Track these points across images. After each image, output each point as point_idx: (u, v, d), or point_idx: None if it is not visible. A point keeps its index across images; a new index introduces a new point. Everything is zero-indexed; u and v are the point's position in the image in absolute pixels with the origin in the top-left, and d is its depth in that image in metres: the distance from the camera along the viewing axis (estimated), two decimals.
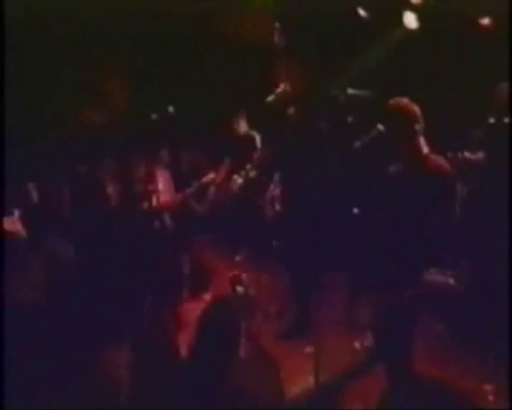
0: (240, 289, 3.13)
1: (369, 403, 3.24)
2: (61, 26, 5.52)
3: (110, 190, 4.97)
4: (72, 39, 5.62)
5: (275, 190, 5.06)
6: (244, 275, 3.27)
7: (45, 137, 5.28)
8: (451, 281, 4.09)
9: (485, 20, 5.45)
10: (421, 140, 2.97)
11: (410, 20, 5.67)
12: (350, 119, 5.25)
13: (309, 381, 3.38)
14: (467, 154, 4.64)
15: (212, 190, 5.45)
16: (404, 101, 3.01)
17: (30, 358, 3.16)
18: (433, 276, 3.21)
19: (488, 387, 3.33)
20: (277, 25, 5.35)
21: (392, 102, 3.04)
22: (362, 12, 5.71)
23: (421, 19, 5.63)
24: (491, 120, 4.59)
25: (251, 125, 5.54)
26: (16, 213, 4.42)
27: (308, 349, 3.56)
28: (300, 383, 3.44)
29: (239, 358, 2.91)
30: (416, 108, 2.97)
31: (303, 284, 4.08)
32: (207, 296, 3.93)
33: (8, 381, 2.80)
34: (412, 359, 3.06)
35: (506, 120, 4.44)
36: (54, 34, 5.49)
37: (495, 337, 3.57)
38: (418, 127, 2.93)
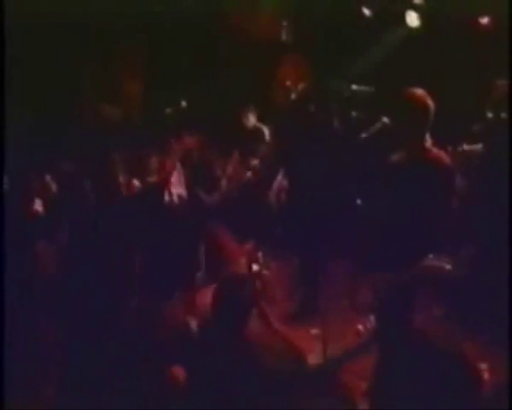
0: (255, 267, 3.29)
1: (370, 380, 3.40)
2: (76, 24, 5.65)
3: (123, 181, 5.12)
4: (88, 36, 5.75)
5: (281, 181, 5.26)
6: (260, 254, 3.43)
7: (61, 130, 5.42)
8: (448, 267, 4.25)
9: (485, 19, 5.62)
10: (427, 133, 2.97)
11: (413, 18, 5.84)
12: (354, 113, 5.45)
13: (315, 361, 3.57)
14: (466, 147, 4.83)
15: (222, 182, 5.63)
16: (420, 91, 2.95)
17: (33, 356, 3.25)
18: (431, 261, 3.35)
19: (484, 365, 3.50)
20: (285, 23, 5.53)
21: (408, 90, 2.97)
22: (366, 11, 5.88)
23: (422, 17, 5.80)
24: (490, 115, 4.76)
25: (259, 119, 5.71)
26: (37, 202, 4.61)
27: (314, 331, 3.76)
28: (310, 360, 3.61)
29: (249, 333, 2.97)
30: (430, 101, 2.93)
31: (309, 269, 4.25)
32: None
33: (9, 381, 2.79)
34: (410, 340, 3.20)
35: (504, 115, 4.62)
36: (69, 31, 5.62)
37: (493, 321, 3.75)
38: (429, 120, 2.90)
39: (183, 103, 5.10)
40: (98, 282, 3.54)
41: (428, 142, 3.01)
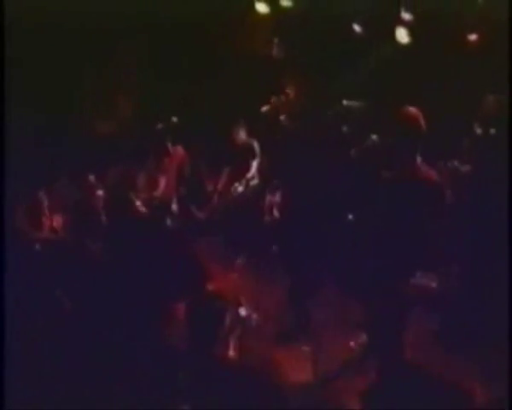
0: (243, 312, 3.25)
1: (363, 398, 3.39)
2: (70, 37, 5.66)
3: (115, 196, 5.12)
4: (80, 50, 5.77)
5: (274, 197, 5.26)
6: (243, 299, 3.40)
7: (54, 145, 5.41)
8: (434, 284, 4.26)
9: (473, 36, 5.71)
10: (418, 151, 2.99)
11: (402, 35, 5.92)
12: (345, 128, 5.49)
13: (307, 378, 3.55)
14: (455, 163, 4.87)
15: (213, 197, 5.63)
16: (414, 110, 2.98)
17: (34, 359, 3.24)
18: (419, 279, 3.36)
19: (476, 382, 3.50)
20: (276, 39, 5.57)
21: (401, 109, 3.00)
22: (356, 27, 5.95)
23: (412, 34, 5.87)
24: (478, 131, 4.82)
25: (250, 134, 5.73)
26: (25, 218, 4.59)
27: (306, 348, 3.74)
28: (299, 380, 3.59)
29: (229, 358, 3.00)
30: (423, 121, 2.96)
31: (300, 286, 4.26)
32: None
33: (9, 381, 2.82)
34: (404, 354, 3.21)
35: (492, 130, 4.67)
36: (62, 45, 5.63)
37: (486, 337, 3.76)
38: (421, 139, 2.94)
39: (174, 119, 5.11)
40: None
41: (419, 159, 3.04)
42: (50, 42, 5.48)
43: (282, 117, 4.41)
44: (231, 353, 2.96)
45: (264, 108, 4.88)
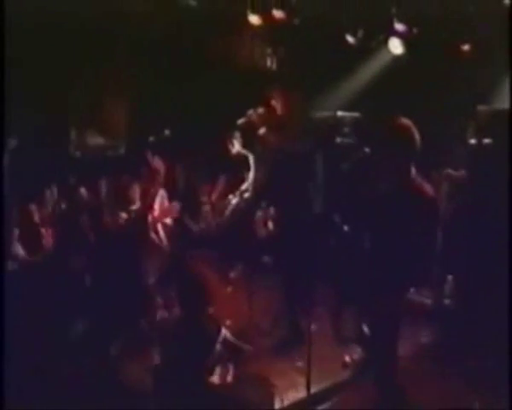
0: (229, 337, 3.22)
1: None
2: (63, 49, 5.65)
3: (107, 209, 5.08)
4: (72, 61, 5.75)
5: (268, 209, 5.23)
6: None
7: (47, 157, 5.38)
8: (428, 301, 4.22)
9: (466, 46, 5.71)
10: (412, 163, 2.95)
11: (396, 45, 5.91)
12: (339, 140, 5.47)
13: (301, 394, 3.49)
14: (450, 172, 4.85)
15: (207, 208, 5.59)
16: (407, 121, 2.95)
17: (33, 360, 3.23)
18: (412, 296, 3.31)
19: (472, 395, 3.46)
20: (270, 51, 5.56)
21: (394, 120, 2.97)
22: (350, 38, 5.95)
23: (406, 44, 5.88)
24: (472, 142, 4.80)
25: (244, 145, 5.70)
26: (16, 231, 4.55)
27: (299, 363, 3.68)
28: (292, 396, 3.53)
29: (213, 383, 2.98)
30: (416, 132, 2.92)
31: (294, 300, 4.21)
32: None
33: (9, 381, 2.81)
34: (397, 371, 3.16)
35: (486, 141, 4.66)
36: (54, 57, 5.61)
37: (481, 350, 3.72)
38: (415, 150, 2.89)
39: (167, 132, 5.08)
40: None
41: (413, 172, 2.99)
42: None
43: (262, 129, 4.34)
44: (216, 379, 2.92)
45: (241, 121, 4.81)
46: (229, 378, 3.03)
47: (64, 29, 5.47)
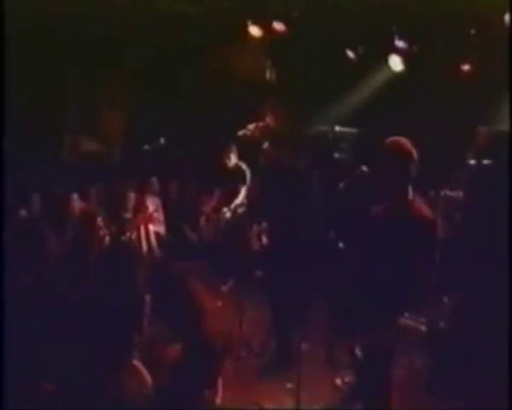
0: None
1: None
2: (59, 56, 5.62)
3: (100, 218, 5.01)
4: (69, 69, 5.72)
5: (262, 223, 5.15)
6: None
7: (41, 163, 5.32)
8: (423, 328, 4.13)
9: (467, 66, 5.70)
10: (409, 183, 2.87)
11: (396, 63, 5.89)
12: (337, 155, 5.42)
13: None
14: (448, 193, 4.79)
15: (202, 220, 5.53)
16: (403, 141, 2.87)
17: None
18: (406, 321, 3.23)
19: None
20: (269, 63, 5.54)
21: (390, 140, 2.90)
22: (350, 53, 5.93)
23: (406, 62, 5.86)
24: (472, 162, 4.75)
25: (241, 158, 5.66)
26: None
27: (289, 385, 3.58)
28: None
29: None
30: (414, 151, 2.84)
31: (285, 319, 4.11)
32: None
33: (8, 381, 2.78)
34: (389, 396, 3.07)
35: (485, 161, 4.61)
36: (51, 63, 5.58)
37: (477, 374, 3.64)
38: (412, 170, 2.82)
39: (162, 140, 5.03)
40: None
41: (411, 193, 2.93)
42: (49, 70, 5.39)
43: (264, 143, 4.30)
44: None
45: (241, 133, 4.77)
46: (218, 400, 2.93)
47: (60, 35, 5.44)
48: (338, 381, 3.69)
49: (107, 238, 4.78)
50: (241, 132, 4.70)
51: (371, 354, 2.93)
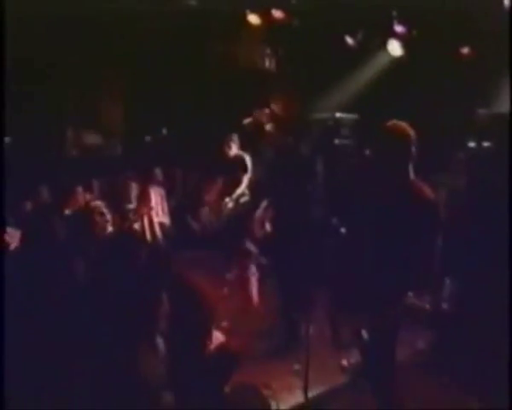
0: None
1: None
2: (60, 49, 5.62)
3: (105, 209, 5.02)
4: (70, 62, 5.73)
5: (265, 210, 5.18)
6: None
7: (43, 157, 5.35)
8: (427, 306, 4.17)
9: (466, 49, 5.69)
10: (411, 165, 2.91)
11: (395, 48, 5.89)
12: (337, 141, 5.45)
13: (297, 398, 3.44)
14: (449, 177, 4.82)
15: (204, 209, 5.56)
16: (403, 124, 2.91)
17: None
18: (411, 299, 3.27)
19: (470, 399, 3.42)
20: (268, 51, 5.54)
21: (390, 123, 2.94)
22: (349, 40, 5.93)
23: (405, 47, 5.86)
24: (472, 145, 4.78)
25: (245, 145, 5.67)
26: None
27: (296, 367, 3.64)
28: (289, 400, 3.50)
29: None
30: (413, 133, 2.89)
31: (291, 302, 4.17)
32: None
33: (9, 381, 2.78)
34: (395, 375, 3.12)
35: (486, 144, 4.64)
36: (52, 57, 5.59)
37: (479, 355, 3.69)
38: (412, 152, 2.86)
39: (164, 131, 5.04)
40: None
41: (412, 175, 2.96)
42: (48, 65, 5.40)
43: (268, 129, 4.33)
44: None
45: (247, 121, 4.78)
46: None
47: (62, 29, 5.44)
48: (344, 362, 3.74)
49: (112, 229, 4.81)
50: (246, 120, 4.72)
51: (377, 334, 2.98)
